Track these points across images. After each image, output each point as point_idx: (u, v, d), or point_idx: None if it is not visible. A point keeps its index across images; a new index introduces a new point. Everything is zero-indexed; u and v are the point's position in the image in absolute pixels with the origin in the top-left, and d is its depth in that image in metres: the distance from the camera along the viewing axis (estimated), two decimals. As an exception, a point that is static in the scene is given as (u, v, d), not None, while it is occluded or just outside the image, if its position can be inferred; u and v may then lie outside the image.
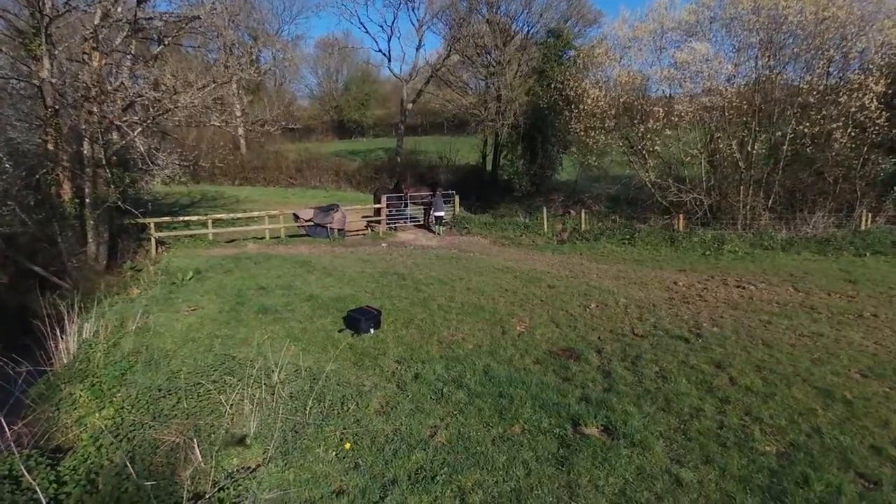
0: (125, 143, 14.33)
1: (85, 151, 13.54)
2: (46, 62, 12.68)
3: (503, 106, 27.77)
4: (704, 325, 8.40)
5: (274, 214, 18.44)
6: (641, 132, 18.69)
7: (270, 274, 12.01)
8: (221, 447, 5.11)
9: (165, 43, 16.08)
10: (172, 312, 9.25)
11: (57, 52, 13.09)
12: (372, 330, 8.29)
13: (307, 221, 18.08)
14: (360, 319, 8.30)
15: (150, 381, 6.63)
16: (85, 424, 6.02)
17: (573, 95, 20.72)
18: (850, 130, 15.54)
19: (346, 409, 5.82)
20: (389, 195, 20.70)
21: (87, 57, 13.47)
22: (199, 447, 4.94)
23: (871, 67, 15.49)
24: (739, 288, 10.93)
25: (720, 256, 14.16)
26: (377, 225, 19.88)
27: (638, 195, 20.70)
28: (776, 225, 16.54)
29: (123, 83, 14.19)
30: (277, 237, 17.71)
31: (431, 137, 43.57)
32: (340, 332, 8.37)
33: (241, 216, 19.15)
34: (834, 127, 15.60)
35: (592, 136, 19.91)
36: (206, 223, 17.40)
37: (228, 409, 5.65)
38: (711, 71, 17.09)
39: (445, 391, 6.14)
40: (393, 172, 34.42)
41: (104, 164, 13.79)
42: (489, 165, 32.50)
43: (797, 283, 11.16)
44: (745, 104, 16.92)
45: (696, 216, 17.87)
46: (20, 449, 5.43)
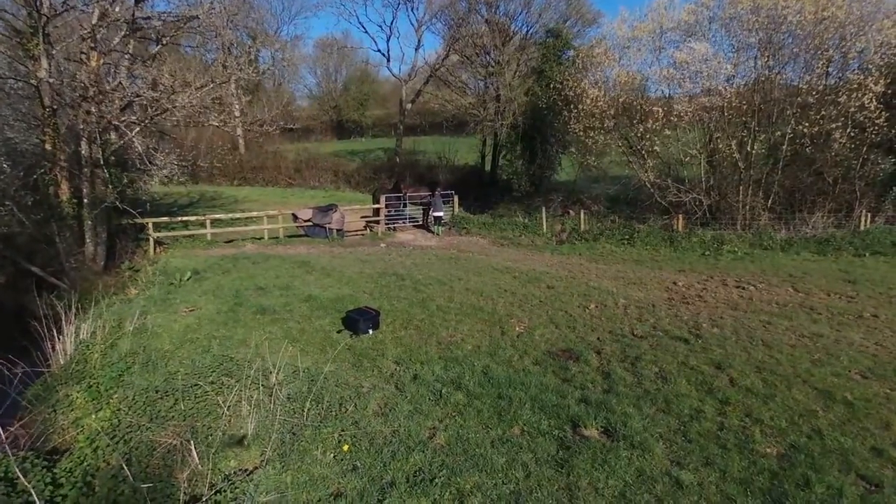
0: (123, 143, 14.29)
1: (83, 151, 13.50)
2: (44, 62, 12.64)
3: (502, 106, 27.75)
4: (704, 325, 8.37)
5: (272, 215, 18.40)
6: (640, 132, 18.67)
7: (269, 274, 11.98)
8: (219, 449, 5.07)
9: (164, 43, 16.06)
10: (170, 313, 9.22)
11: (55, 51, 13.05)
12: (370, 331, 8.25)
13: (306, 222, 18.04)
14: (358, 320, 8.27)
15: (147, 382, 6.59)
16: (81, 426, 5.99)
17: (572, 95, 20.71)
18: (849, 130, 15.55)
19: (344, 410, 5.78)
20: (388, 195, 20.66)
21: (84, 57, 13.44)
22: (196, 449, 4.91)
23: (870, 67, 15.48)
24: (739, 288, 10.90)
25: (719, 257, 14.13)
26: (376, 225, 19.84)
27: (637, 195, 20.68)
28: (775, 225, 16.52)
29: (121, 83, 14.15)
30: (276, 237, 17.66)
31: (430, 137, 43.51)
32: (339, 332, 8.34)
33: (239, 216, 19.11)
34: (833, 127, 15.59)
35: (591, 136, 19.90)
36: (204, 223, 17.36)
37: (226, 410, 5.61)
38: (710, 71, 17.07)
39: (444, 392, 6.11)
40: (392, 172, 34.39)
41: (102, 164, 13.76)
42: (488, 166, 32.48)
43: (797, 283, 11.14)
44: (744, 104, 16.91)
45: (695, 216, 17.85)
46: (16, 451, 5.39)
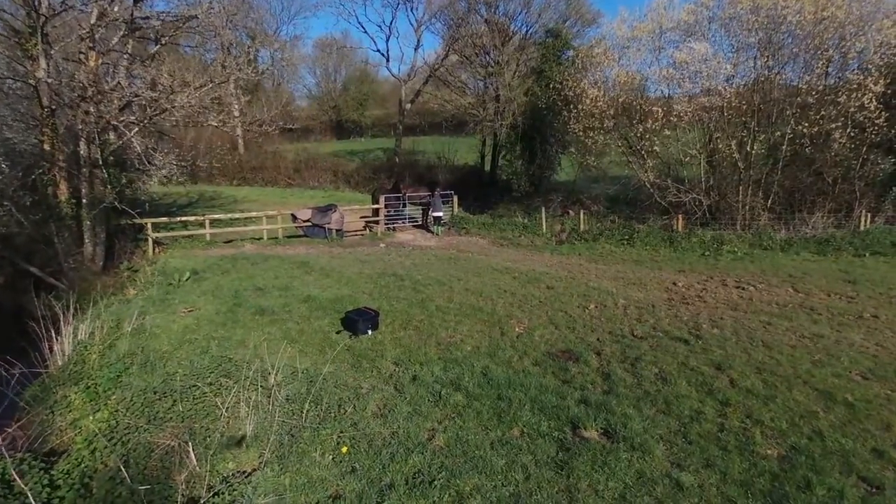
0: (122, 143, 14.26)
1: (81, 151, 13.48)
2: (42, 62, 12.61)
3: (502, 106, 27.74)
4: (704, 326, 8.35)
5: (272, 215, 18.37)
6: (640, 132, 18.66)
7: (268, 275, 11.96)
8: (217, 451, 5.04)
9: (162, 42, 16.03)
10: (169, 314, 9.20)
11: (53, 51, 13.02)
12: (370, 331, 8.23)
13: (305, 222, 18.01)
14: (357, 321, 8.25)
15: (145, 383, 6.57)
16: (79, 427, 5.97)
17: (572, 95, 20.70)
18: (849, 130, 15.54)
19: (343, 411, 5.76)
20: (388, 195, 20.64)
21: (83, 56, 13.41)
22: (194, 451, 4.88)
23: (869, 67, 15.47)
24: (739, 289, 10.88)
25: (719, 257, 14.11)
26: (375, 225, 19.82)
27: (637, 195, 20.67)
28: (775, 225, 16.50)
29: (120, 83, 14.12)
30: (275, 238, 17.63)
31: (430, 137, 43.50)
32: (338, 333, 8.31)
33: (238, 216, 19.07)
34: (833, 127, 15.58)
35: (591, 136, 19.89)
36: (203, 223, 17.32)
37: (224, 411, 5.59)
38: (710, 71, 17.06)
39: (443, 393, 6.08)
40: (391, 172, 34.38)
41: (101, 164, 13.73)
42: (488, 166, 32.47)
43: (797, 283, 11.12)
44: (743, 104, 16.89)
45: (695, 216, 17.84)
46: (13, 452, 5.37)
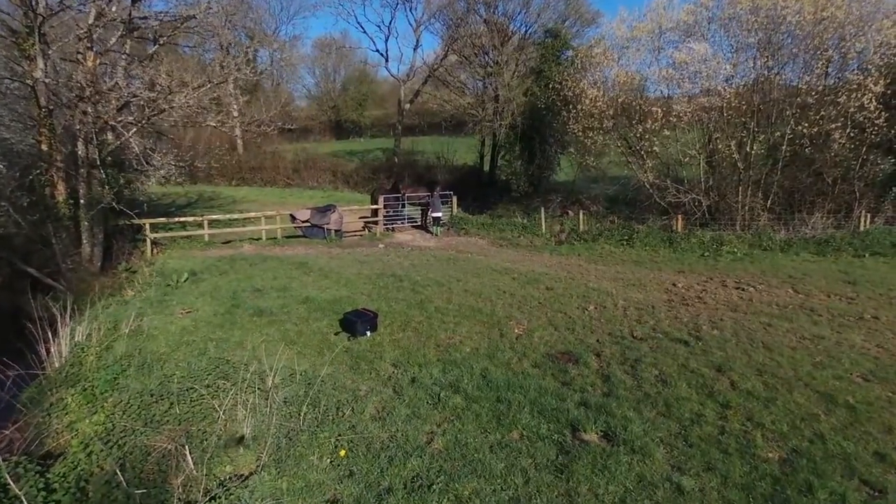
0: (120, 143, 14.21)
1: (79, 152, 13.42)
2: (40, 62, 12.56)
3: (501, 106, 27.69)
4: (704, 327, 8.32)
5: (270, 215, 18.32)
6: (640, 133, 18.63)
7: (266, 275, 11.92)
8: (214, 454, 5.01)
9: (161, 43, 15.98)
10: (167, 315, 9.15)
11: (51, 51, 12.97)
12: (368, 333, 8.19)
13: (304, 222, 17.96)
14: (356, 322, 8.21)
15: (142, 385, 6.52)
16: (76, 430, 5.93)
17: (571, 96, 20.67)
18: (848, 131, 15.51)
19: (341, 414, 5.72)
20: (387, 196, 20.59)
21: (81, 57, 13.35)
22: (190, 454, 4.84)
23: (869, 68, 15.44)
24: (739, 289, 10.85)
25: (719, 257, 14.08)
26: (374, 226, 19.78)
27: (636, 196, 20.64)
28: (775, 226, 16.47)
29: (118, 83, 14.07)
30: (274, 238, 17.58)
31: (429, 138, 43.45)
32: (336, 334, 8.28)
33: (237, 217, 19.02)
34: (833, 127, 15.55)
35: (590, 136, 19.86)
36: (202, 224, 17.28)
37: (221, 414, 5.55)
38: (710, 71, 17.04)
39: (442, 396, 6.04)
40: (390, 173, 34.32)
41: (99, 164, 13.66)
42: (487, 166, 32.42)
43: (797, 284, 11.09)
44: (743, 104, 16.86)
45: (694, 217, 17.80)
46: (9, 455, 5.33)
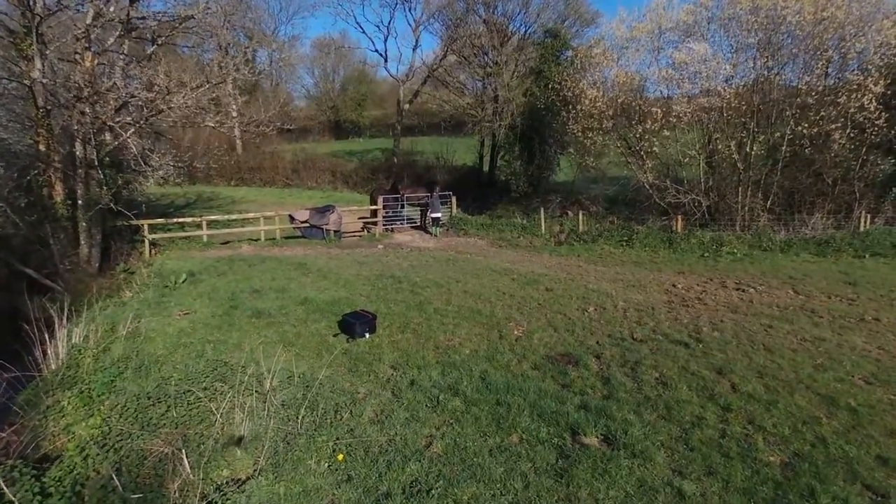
0: (118, 143, 14.17)
1: (77, 152, 13.39)
2: (38, 62, 12.52)
3: (500, 107, 27.65)
4: (704, 329, 8.28)
5: (269, 216, 18.28)
6: (639, 133, 18.60)
7: (265, 276, 11.87)
8: (211, 458, 4.96)
9: (159, 43, 15.94)
10: (164, 316, 9.10)
11: (48, 51, 12.93)
12: (367, 334, 8.15)
13: (303, 223, 17.93)
14: (355, 324, 8.17)
15: (139, 388, 6.48)
16: (72, 433, 5.88)
17: (570, 96, 20.63)
18: (848, 131, 15.48)
19: (339, 417, 5.68)
20: (386, 196, 20.55)
21: (79, 57, 13.31)
22: (187, 458, 4.80)
23: (869, 68, 15.40)
24: (739, 290, 10.81)
25: (719, 258, 14.04)
26: (374, 226, 19.74)
27: (636, 196, 20.60)
28: (775, 226, 16.44)
29: (116, 83, 14.03)
30: (273, 239, 17.54)
31: (428, 138, 43.42)
32: (335, 336, 8.23)
33: (235, 217, 18.98)
34: (833, 128, 15.52)
35: (590, 136, 19.82)
36: (200, 225, 17.25)
37: (219, 417, 5.50)
38: (709, 71, 16.99)
39: (441, 399, 6.00)
40: (390, 173, 34.28)
41: (97, 165, 13.63)
42: (486, 166, 32.38)
43: (797, 285, 11.06)
44: (743, 105, 16.82)
45: (694, 217, 17.77)
46: (5, 459, 5.29)
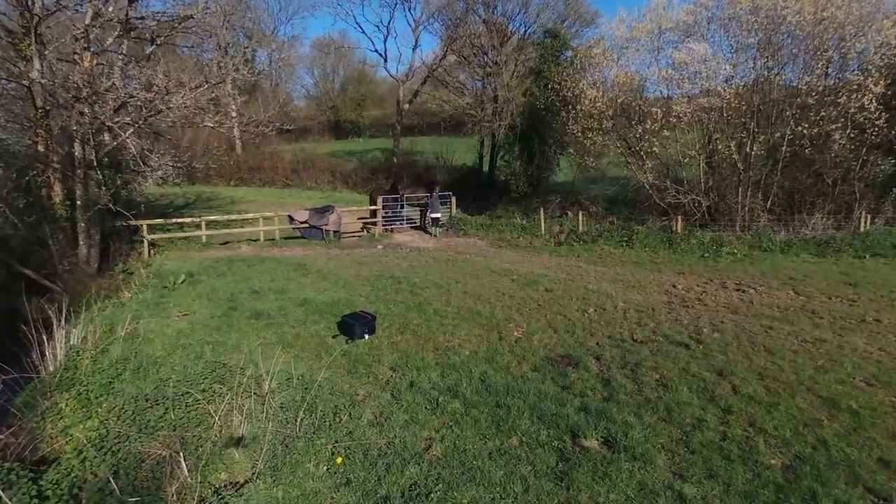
0: (117, 144, 14.13)
1: (76, 153, 13.35)
2: (36, 62, 12.49)
3: (500, 107, 27.62)
4: (705, 330, 8.25)
5: (269, 216, 18.25)
6: (639, 133, 18.58)
7: (264, 277, 11.84)
8: (209, 461, 4.93)
9: (158, 43, 15.91)
10: (163, 317, 9.07)
11: (47, 52, 12.89)
12: (366, 336, 8.12)
13: (302, 223, 17.89)
14: (354, 325, 8.14)
15: (137, 390, 6.45)
16: (70, 435, 5.85)
17: (570, 96, 20.60)
18: (848, 132, 15.45)
19: (338, 420, 5.65)
20: (386, 196, 20.52)
21: (77, 57, 13.27)
22: (185, 461, 4.77)
23: (870, 68, 15.37)
24: (739, 291, 10.78)
25: (719, 258, 14.02)
26: (373, 226, 19.72)
27: (636, 196, 20.57)
28: (775, 226, 16.41)
29: (115, 84, 13.99)
30: (272, 239, 17.51)
31: (428, 138, 43.40)
32: (334, 338, 8.20)
33: (235, 218, 18.94)
34: (833, 128, 15.49)
35: (590, 136, 19.80)
36: (199, 225, 17.21)
37: (217, 420, 5.47)
38: (709, 71, 16.97)
39: (441, 401, 5.97)
40: (389, 173, 34.25)
41: (95, 165, 13.59)
42: (486, 166, 32.34)
43: (797, 286, 11.03)
44: (743, 105, 16.79)
45: (694, 217, 17.74)
46: (2, 461, 5.26)
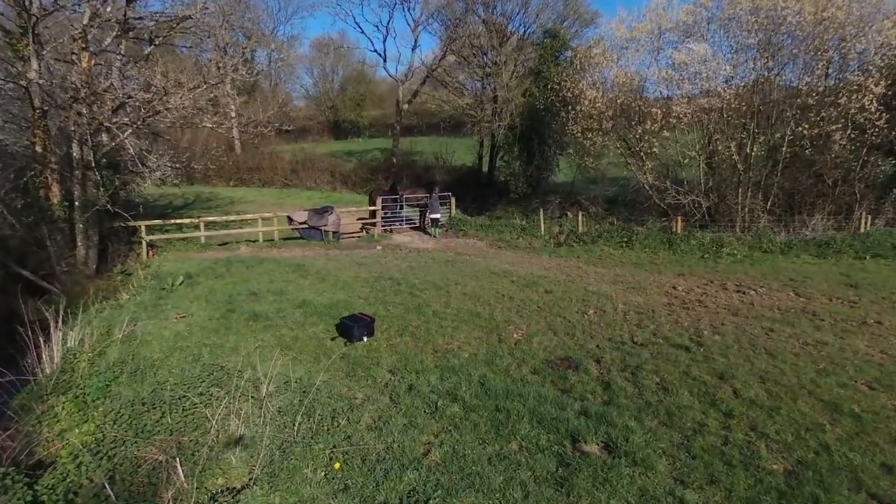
0: (115, 144, 14.08)
1: (74, 153, 13.31)
2: (34, 63, 12.43)
3: (499, 107, 27.57)
4: (705, 332, 8.21)
5: (267, 217, 18.20)
6: (639, 134, 18.53)
7: (263, 279, 11.80)
8: (205, 466, 4.88)
9: (157, 43, 15.85)
10: (161, 319, 9.02)
11: (45, 52, 12.83)
12: (365, 338, 8.08)
13: (301, 224, 17.84)
14: (352, 327, 8.09)
15: (134, 393, 6.40)
16: (66, 439, 5.80)
17: (570, 96, 20.55)
18: (849, 132, 15.41)
19: (336, 424, 5.60)
20: (385, 197, 20.48)
21: (75, 57, 13.23)
22: (182, 466, 4.72)
23: (870, 69, 15.32)
24: (739, 293, 10.74)
25: (719, 259, 13.97)
26: (372, 227, 19.67)
27: (635, 197, 20.52)
28: (775, 227, 16.37)
29: (113, 84, 13.94)
30: (271, 240, 17.46)
31: (427, 138, 43.36)
32: (333, 340, 8.16)
33: (233, 219, 18.88)
34: (833, 129, 15.45)
35: (589, 137, 19.75)
36: (198, 226, 17.17)
37: (214, 424, 5.43)
38: (709, 72, 16.92)
39: (440, 404, 5.92)
40: (389, 173, 34.20)
41: (93, 166, 13.54)
42: (485, 167, 32.28)
43: (798, 287, 10.99)
44: (743, 106, 16.75)
45: (694, 218, 17.70)
46: (-2, 465, 5.21)
